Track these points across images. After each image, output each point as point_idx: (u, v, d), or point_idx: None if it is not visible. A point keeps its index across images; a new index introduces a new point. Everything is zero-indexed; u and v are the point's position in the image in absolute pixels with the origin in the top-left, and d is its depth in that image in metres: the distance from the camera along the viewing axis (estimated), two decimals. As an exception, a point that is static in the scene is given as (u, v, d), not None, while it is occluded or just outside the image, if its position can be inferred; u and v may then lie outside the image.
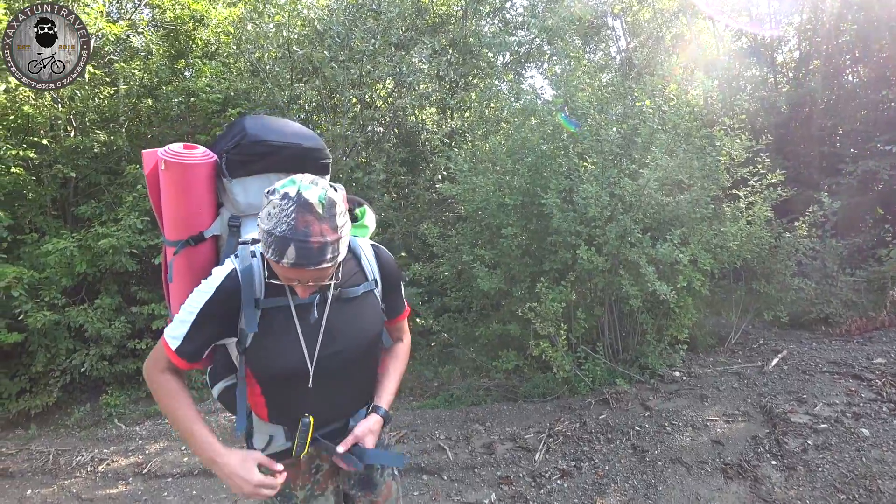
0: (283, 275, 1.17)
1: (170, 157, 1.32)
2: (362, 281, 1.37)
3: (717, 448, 3.23)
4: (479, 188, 4.04)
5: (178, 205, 1.37)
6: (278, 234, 1.10)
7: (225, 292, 1.23)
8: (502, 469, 3.28)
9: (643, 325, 4.18)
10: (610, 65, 7.32)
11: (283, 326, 1.26)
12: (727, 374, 4.22)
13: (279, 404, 1.34)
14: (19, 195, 5.15)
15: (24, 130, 5.21)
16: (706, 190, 4.03)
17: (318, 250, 1.11)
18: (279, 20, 5.51)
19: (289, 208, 1.10)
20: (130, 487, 3.60)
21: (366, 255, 1.41)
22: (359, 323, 1.34)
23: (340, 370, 1.33)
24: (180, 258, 1.40)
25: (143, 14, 6.64)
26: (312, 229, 1.10)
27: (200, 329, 1.24)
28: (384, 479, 1.55)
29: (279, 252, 1.10)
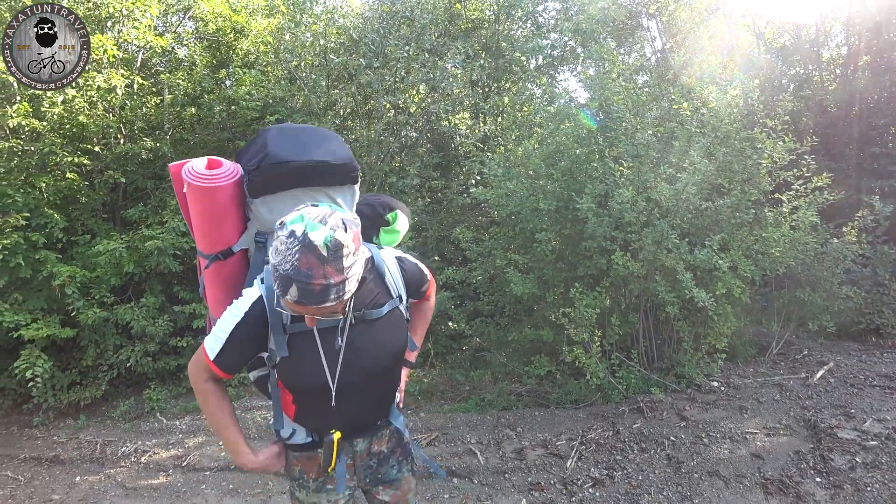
0: (289, 308, 1.20)
1: (192, 178, 1.31)
2: (386, 300, 1.39)
3: (757, 462, 3.13)
4: (513, 193, 4.03)
5: (202, 223, 1.39)
6: (282, 272, 1.11)
7: (252, 318, 1.29)
8: (533, 475, 3.26)
9: (679, 333, 4.07)
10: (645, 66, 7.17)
11: (308, 348, 1.32)
12: (768, 385, 4.07)
13: (305, 412, 1.43)
14: (73, 199, 5.45)
15: (79, 139, 5.51)
16: (747, 194, 3.90)
17: (320, 292, 1.11)
18: (316, 29, 5.66)
19: (293, 248, 1.10)
20: (171, 479, 3.75)
21: (390, 272, 1.42)
22: (382, 342, 1.38)
23: (363, 386, 1.39)
24: (211, 272, 1.44)
25: (187, 27, 6.94)
26: (314, 272, 1.10)
27: (233, 347, 1.32)
28: (404, 474, 1.58)
29: (283, 288, 1.13)
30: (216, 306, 1.49)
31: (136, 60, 6.04)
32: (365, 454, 1.51)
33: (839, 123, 6.59)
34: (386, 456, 1.55)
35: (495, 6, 6.64)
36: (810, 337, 5.05)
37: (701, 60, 6.36)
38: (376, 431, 1.52)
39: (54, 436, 4.70)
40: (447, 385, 5.13)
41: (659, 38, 9.09)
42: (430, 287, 1.63)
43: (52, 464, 4.17)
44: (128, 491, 3.64)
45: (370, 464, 1.53)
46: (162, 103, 5.97)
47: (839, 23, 7.22)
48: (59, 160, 5.09)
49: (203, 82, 6.02)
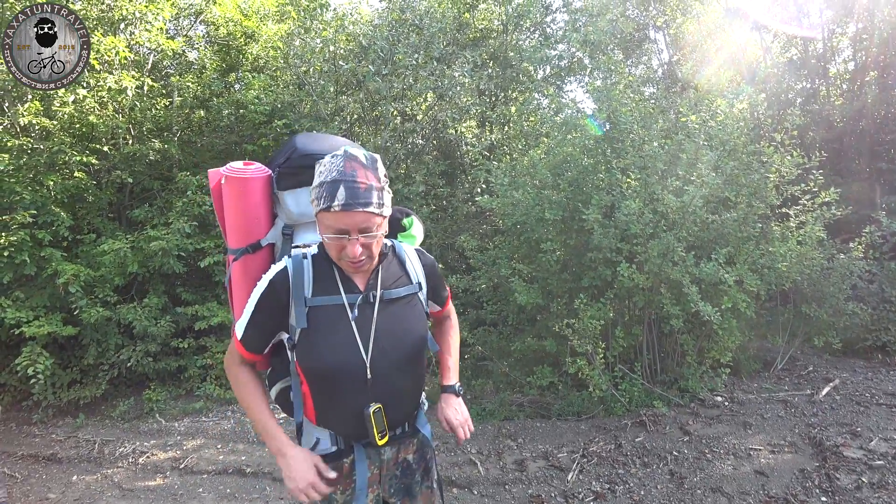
0: (333, 225, 1.23)
1: (229, 172, 1.46)
2: (407, 283, 1.43)
3: (761, 479, 3.08)
4: (519, 202, 4.03)
5: (237, 215, 1.49)
6: (328, 180, 1.22)
7: (275, 286, 1.32)
8: (534, 487, 3.23)
9: (683, 347, 4.05)
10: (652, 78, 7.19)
11: (334, 323, 1.31)
12: (773, 401, 4.03)
13: (327, 405, 1.37)
14: (80, 198, 5.48)
15: (88, 138, 5.56)
16: (754, 208, 3.90)
17: (366, 191, 1.22)
18: (325, 35, 5.71)
19: (337, 161, 1.24)
20: (168, 481, 3.73)
21: (410, 260, 1.48)
22: (404, 324, 1.39)
23: (392, 372, 1.36)
24: (238, 264, 1.50)
25: (199, 30, 7.01)
26: (359, 173, 1.23)
27: (258, 320, 1.34)
28: (423, 488, 1.56)
29: (330, 196, 1.20)
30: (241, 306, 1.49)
31: (147, 63, 6.10)
32: (392, 463, 1.48)
33: (846, 138, 6.58)
34: (410, 465, 1.52)
35: (504, 16, 6.69)
36: (815, 353, 5.01)
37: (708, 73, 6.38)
38: (404, 439, 1.49)
39: (53, 434, 4.68)
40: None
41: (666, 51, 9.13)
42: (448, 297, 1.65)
43: (49, 462, 4.15)
44: (124, 492, 3.62)
45: (396, 473, 1.50)
46: (171, 105, 6.02)
47: (846, 38, 7.24)
48: (67, 159, 5.13)
49: (212, 86, 6.07)
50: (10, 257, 4.65)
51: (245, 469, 3.76)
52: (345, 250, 1.26)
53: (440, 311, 1.62)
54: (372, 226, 1.25)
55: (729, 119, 3.85)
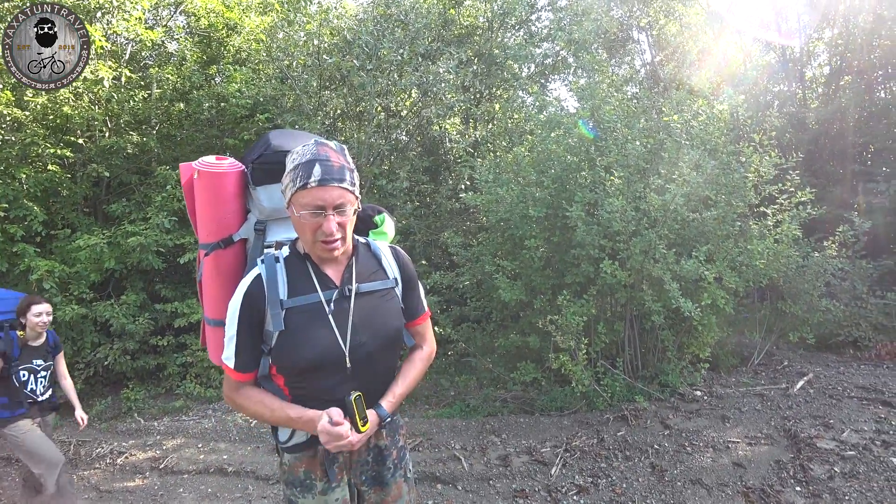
0: (310, 202, 1.25)
1: (202, 167, 1.46)
2: (383, 278, 1.46)
3: (739, 471, 3.16)
4: (503, 199, 4.04)
5: (209, 210, 1.50)
6: (303, 161, 1.27)
7: (251, 297, 1.32)
8: (518, 482, 3.25)
9: (664, 342, 4.11)
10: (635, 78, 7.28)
11: (312, 320, 1.34)
12: (750, 395, 4.13)
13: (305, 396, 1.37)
14: (54, 192, 5.34)
15: (63, 130, 5.40)
16: (733, 207, 3.97)
17: (339, 169, 1.28)
18: (309, 29, 5.64)
19: (309, 146, 1.29)
20: (147, 482, 3.66)
21: (385, 256, 1.50)
22: (381, 318, 1.42)
23: (368, 362, 1.39)
24: (210, 259, 1.50)
25: (179, 21, 6.85)
26: (331, 155, 1.29)
27: (244, 340, 1.34)
28: (395, 479, 1.55)
29: (306, 173, 1.25)
30: (211, 302, 1.52)
31: (124, 53, 5.95)
32: (363, 448, 1.49)
33: (821, 140, 6.76)
34: (382, 452, 1.52)
35: (489, 13, 6.69)
36: (790, 348, 5.14)
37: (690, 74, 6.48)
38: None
39: (25, 435, 4.54)
40: (432, 390, 5.10)
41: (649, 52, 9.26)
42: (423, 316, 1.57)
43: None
44: (102, 494, 3.54)
45: (367, 459, 1.51)
46: (150, 97, 5.88)
47: (823, 43, 7.43)
48: (40, 151, 4.99)
49: (193, 78, 5.95)
50: (-21, 252, 4.51)
51: (227, 468, 3.71)
52: (321, 228, 1.27)
53: (413, 323, 1.54)
54: (346, 203, 1.29)
55: (710, 119, 3.92)
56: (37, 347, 3.13)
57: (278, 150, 1.47)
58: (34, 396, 3.10)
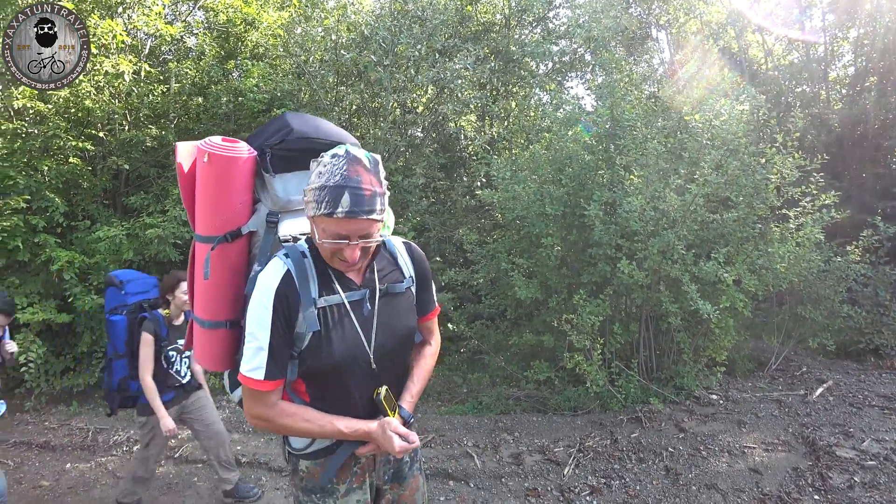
0: (334, 231, 1.16)
1: (213, 149, 1.28)
2: (401, 278, 1.41)
3: (755, 477, 3.11)
4: (520, 196, 4.02)
5: (218, 199, 1.34)
6: (332, 184, 1.14)
7: (283, 298, 1.21)
8: (530, 481, 3.24)
9: (680, 345, 4.06)
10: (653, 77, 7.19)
11: (339, 321, 1.28)
12: (767, 400, 4.06)
13: (327, 399, 1.32)
14: (75, 184, 5.41)
15: (84, 123, 5.48)
16: (754, 209, 3.90)
17: (370, 198, 1.16)
18: (327, 24, 5.65)
19: (340, 163, 1.16)
20: (163, 470, 3.71)
21: (400, 254, 1.45)
22: (399, 318, 1.38)
23: (386, 362, 1.36)
24: (216, 254, 1.36)
25: (197, 16, 6.91)
26: (363, 178, 1.16)
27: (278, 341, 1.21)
28: (412, 473, 1.56)
29: (334, 201, 1.13)
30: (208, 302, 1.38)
31: (144, 48, 6.02)
32: None
33: (844, 143, 6.62)
34: None
35: (506, 10, 6.65)
36: (809, 354, 5.05)
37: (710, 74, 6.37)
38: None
39: (45, 421, 4.65)
40: (444, 387, 5.10)
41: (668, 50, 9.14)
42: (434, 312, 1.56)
43: (42, 449, 4.12)
44: (118, 480, 3.59)
45: (389, 458, 1.49)
46: (168, 92, 5.94)
47: (847, 43, 7.26)
48: (62, 144, 5.06)
49: (211, 72, 5.99)
50: (3, 242, 4.60)
51: (240, 459, 3.74)
52: (342, 253, 1.20)
53: (424, 319, 1.51)
54: (373, 232, 1.21)
55: (733, 119, 3.85)
56: (179, 326, 2.96)
57: (302, 136, 1.36)
58: (179, 378, 2.96)
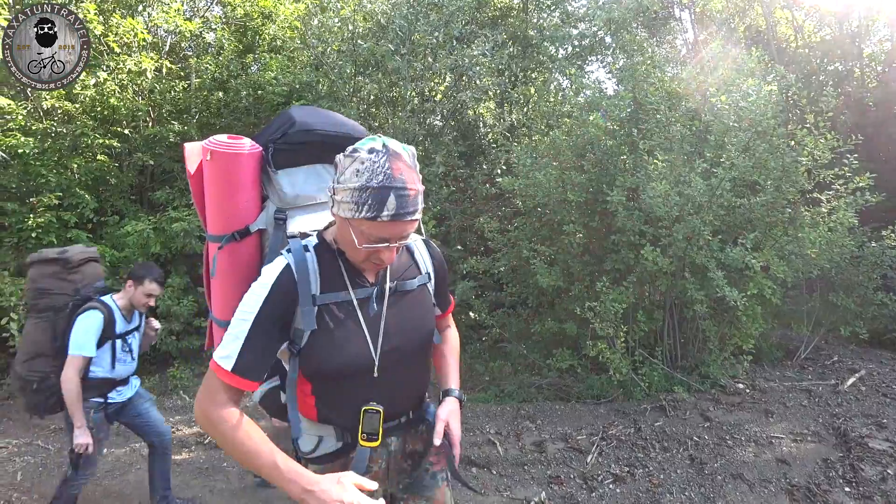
0: (376, 235, 1.08)
1: (216, 146, 1.27)
2: (417, 274, 1.32)
3: (783, 468, 3.06)
4: (541, 183, 3.97)
5: (224, 196, 1.31)
6: (375, 185, 1.04)
7: (281, 290, 1.13)
8: (553, 468, 3.24)
9: (705, 332, 3.99)
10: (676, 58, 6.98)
11: (343, 320, 1.18)
12: (795, 390, 3.97)
13: (332, 402, 1.24)
14: (104, 180, 5.56)
15: (109, 121, 5.61)
16: (783, 193, 3.78)
17: (414, 199, 1.08)
18: (344, 14, 5.64)
19: (381, 159, 1.06)
20: (193, 455, 3.82)
21: (418, 249, 1.36)
22: (415, 317, 1.28)
23: (399, 365, 1.25)
24: (224, 253, 1.33)
25: (216, 11, 6.97)
26: (406, 177, 1.07)
27: (259, 340, 1.11)
28: (436, 483, 1.41)
29: (378, 205, 1.04)
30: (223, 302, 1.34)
31: (165, 44, 6.11)
32: (400, 455, 1.35)
33: (880, 122, 6.33)
34: (421, 456, 1.39)
35: (524, -6, 6.52)
36: (841, 343, 4.91)
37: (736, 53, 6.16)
38: (410, 427, 1.36)
39: (83, 409, 4.82)
40: (466, 375, 5.12)
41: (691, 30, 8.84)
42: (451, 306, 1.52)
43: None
44: (152, 465, 3.72)
45: (405, 466, 1.37)
46: (189, 87, 6.03)
47: (883, 16, 6.91)
48: (90, 142, 5.19)
49: (230, 67, 6.06)
50: (37, 238, 4.76)
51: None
52: (378, 255, 1.12)
53: (441, 316, 1.47)
54: (412, 232, 1.14)
55: (760, 100, 3.71)
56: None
57: (304, 128, 1.31)
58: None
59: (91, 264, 2.76)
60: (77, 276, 2.65)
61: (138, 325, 2.81)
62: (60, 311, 2.58)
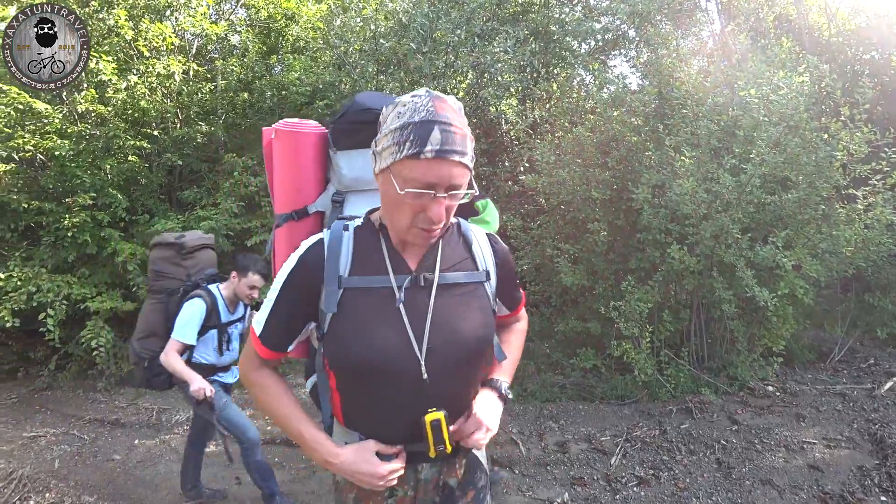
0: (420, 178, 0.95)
1: (281, 126, 1.35)
2: (471, 269, 1.15)
3: (815, 474, 2.96)
4: (565, 181, 3.92)
5: (285, 174, 1.37)
6: (417, 120, 0.95)
7: (306, 264, 1.08)
8: (576, 469, 3.22)
9: (734, 333, 3.90)
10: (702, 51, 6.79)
11: (377, 310, 1.05)
12: (829, 393, 3.85)
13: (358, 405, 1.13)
14: (134, 181, 5.72)
15: (140, 123, 5.77)
16: (816, 189, 3.65)
17: (462, 140, 0.97)
18: (365, 14, 5.68)
19: (423, 100, 0.98)
20: (220, 448, 3.91)
21: (478, 242, 1.19)
22: (466, 317, 1.10)
23: (448, 370, 1.07)
24: (282, 232, 1.36)
25: (240, 14, 7.10)
26: (452, 117, 0.97)
27: (282, 309, 1.10)
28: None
29: (420, 140, 0.94)
30: None
31: (191, 48, 6.25)
32: (431, 486, 1.18)
33: (921, 114, 6.04)
34: (453, 492, 1.21)
35: (546, -12, 6.43)
36: (877, 345, 4.72)
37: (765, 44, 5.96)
38: (450, 458, 1.17)
39: (116, 401, 5.00)
40: (488, 374, 5.11)
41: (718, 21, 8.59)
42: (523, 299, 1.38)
43: (113, 426, 4.44)
44: (181, 456, 3.82)
45: (434, 500, 1.20)
46: (216, 89, 6.15)
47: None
48: (122, 143, 5.35)
49: (255, 68, 6.16)
50: (73, 237, 4.94)
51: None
52: (425, 212, 0.98)
53: (509, 315, 1.32)
54: (462, 184, 0.99)
55: (791, 92, 3.59)
56: None
57: (362, 107, 1.28)
58: None
59: (206, 251, 2.81)
60: (190, 261, 2.72)
61: (242, 315, 2.82)
62: (173, 294, 2.66)
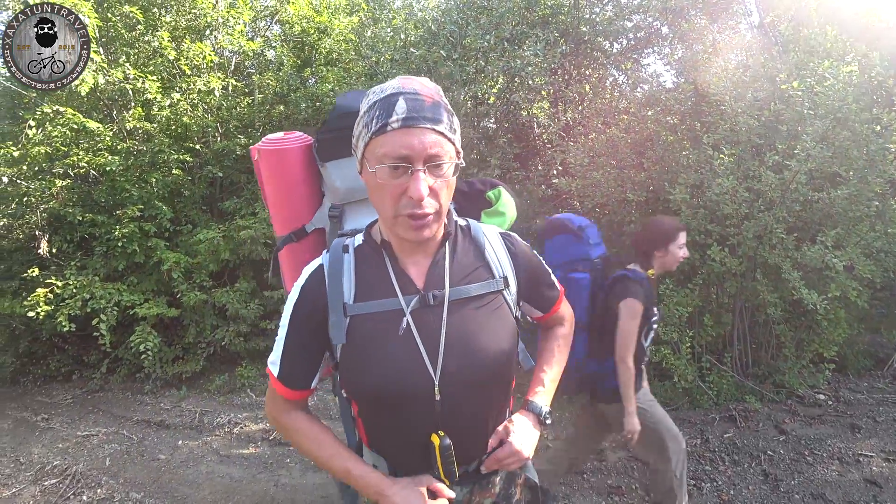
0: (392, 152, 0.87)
1: (263, 145, 1.24)
2: (486, 277, 1.06)
3: (873, 490, 2.78)
4: (599, 183, 3.85)
5: (275, 195, 1.27)
6: (380, 97, 0.90)
7: (310, 294, 1.02)
8: (613, 478, 3.14)
9: (780, 338, 3.71)
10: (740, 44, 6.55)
11: (387, 333, 0.98)
12: (887, 403, 3.62)
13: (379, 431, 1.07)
14: (178, 192, 6.00)
15: (183, 138, 6.05)
16: (868, 184, 3.44)
17: (432, 107, 0.89)
18: (396, 24, 5.77)
19: (390, 82, 0.94)
20: (259, 450, 4.03)
21: (491, 246, 1.09)
22: (483, 333, 1.01)
23: (465, 390, 1.00)
24: (284, 254, 1.28)
25: (275, 30, 7.36)
26: (420, 89, 0.91)
27: (296, 345, 1.03)
28: None
29: (386, 112, 0.87)
30: None
31: (230, 64, 6.51)
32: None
33: None
34: None
35: (575, -11, 6.36)
36: (942, 350, 4.40)
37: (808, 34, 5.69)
38: (481, 479, 1.10)
39: (161, 403, 5.22)
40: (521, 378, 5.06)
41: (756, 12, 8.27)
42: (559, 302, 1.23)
43: (158, 427, 4.64)
44: (222, 458, 3.96)
45: None
46: (253, 103, 6.39)
47: None
48: (166, 158, 5.63)
49: (290, 81, 6.37)
50: (123, 247, 5.23)
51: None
52: (405, 193, 0.89)
53: (545, 316, 1.22)
54: (443, 154, 0.89)
55: (838, 83, 3.41)
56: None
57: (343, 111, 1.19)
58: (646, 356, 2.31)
59: None
60: None
61: None
62: None
